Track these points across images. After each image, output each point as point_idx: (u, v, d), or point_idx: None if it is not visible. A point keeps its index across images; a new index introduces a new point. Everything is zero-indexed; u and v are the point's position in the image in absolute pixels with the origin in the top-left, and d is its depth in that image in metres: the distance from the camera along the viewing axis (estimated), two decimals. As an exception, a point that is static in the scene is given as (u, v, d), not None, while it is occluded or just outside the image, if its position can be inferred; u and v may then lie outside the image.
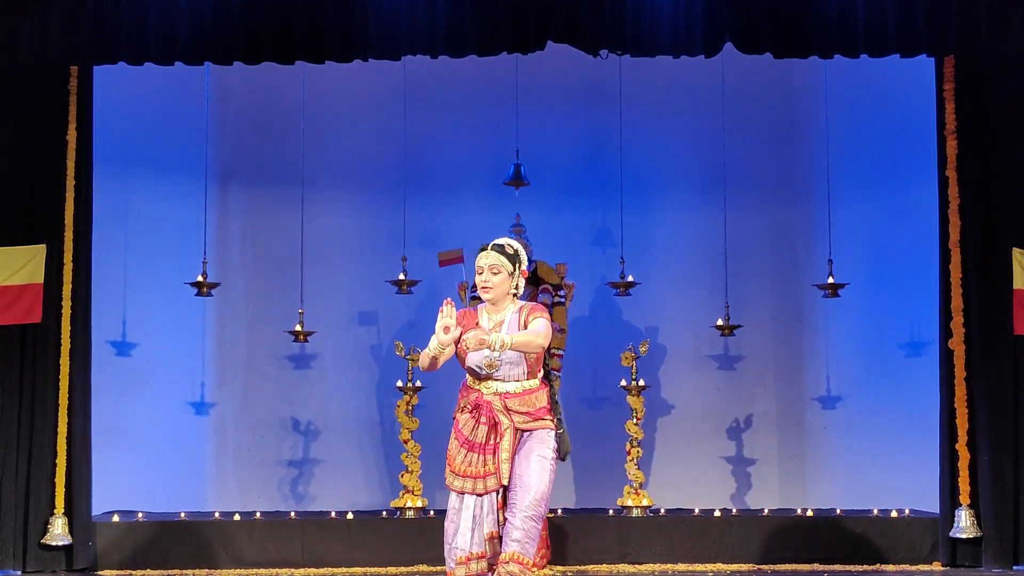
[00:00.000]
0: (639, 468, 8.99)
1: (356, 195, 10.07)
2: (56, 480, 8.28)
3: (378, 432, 10.02)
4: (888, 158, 9.65)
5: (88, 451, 8.42)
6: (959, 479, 8.27)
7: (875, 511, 8.93)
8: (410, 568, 8.50)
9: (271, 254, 9.96)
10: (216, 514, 9.06)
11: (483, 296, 5.92)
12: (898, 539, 8.59)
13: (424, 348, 5.84)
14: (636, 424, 9.01)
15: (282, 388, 10.06)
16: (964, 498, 8.25)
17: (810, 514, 8.95)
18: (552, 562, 8.42)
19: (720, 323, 9.39)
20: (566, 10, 8.25)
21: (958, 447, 8.29)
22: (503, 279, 5.87)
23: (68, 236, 8.37)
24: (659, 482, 9.76)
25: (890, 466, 9.46)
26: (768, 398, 10.07)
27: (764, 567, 8.50)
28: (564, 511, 9.23)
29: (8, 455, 8.26)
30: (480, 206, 9.90)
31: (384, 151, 9.85)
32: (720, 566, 8.51)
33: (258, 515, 9.05)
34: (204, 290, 9.10)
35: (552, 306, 8.90)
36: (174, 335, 9.78)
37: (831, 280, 9.11)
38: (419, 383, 9.00)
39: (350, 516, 8.91)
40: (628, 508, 8.89)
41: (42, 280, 8.32)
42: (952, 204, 8.41)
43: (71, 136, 8.40)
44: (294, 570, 8.50)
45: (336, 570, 8.50)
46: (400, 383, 9.03)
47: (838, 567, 8.44)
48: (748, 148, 9.91)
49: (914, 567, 8.46)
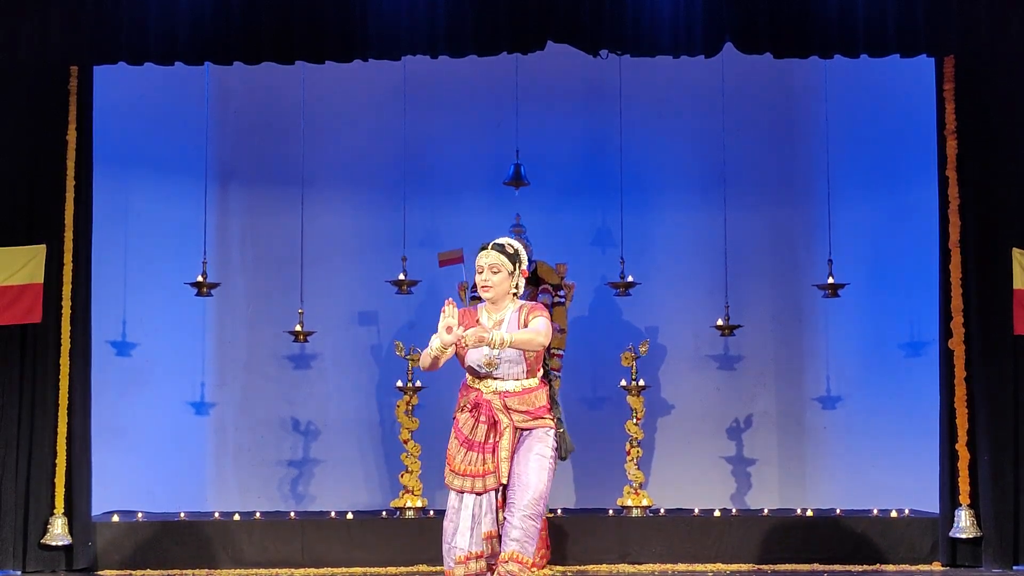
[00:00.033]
0: (639, 468, 8.99)
1: (356, 195, 10.07)
2: (56, 480, 8.27)
3: (378, 432, 10.01)
4: (888, 158, 9.65)
5: (88, 451, 8.42)
6: (959, 479, 8.27)
7: (875, 511, 8.93)
8: (410, 568, 8.50)
9: (271, 254, 9.96)
10: (216, 514, 9.06)
11: (483, 295, 5.91)
12: (898, 539, 8.59)
13: (424, 348, 5.85)
14: (636, 424, 9.01)
15: (282, 388, 10.05)
16: (964, 498, 8.25)
17: (810, 514, 8.95)
18: (552, 562, 8.42)
19: (720, 323, 9.39)
20: (566, 10, 8.25)
21: (958, 447, 8.29)
22: (503, 278, 5.86)
23: (68, 236, 8.37)
24: (659, 482, 9.75)
25: (890, 466, 9.46)
26: (768, 398, 10.07)
27: (764, 567, 8.50)
28: (564, 511, 9.23)
29: (8, 455, 8.26)
30: (480, 206, 9.90)
31: (384, 151, 9.85)
32: (720, 566, 8.51)
33: (258, 515, 9.05)
34: (204, 290, 9.10)
35: (552, 306, 8.89)
36: (174, 335, 9.78)
37: (831, 280, 9.11)
38: (419, 383, 9.00)
39: (350, 516, 8.91)
40: (628, 508, 8.89)
41: (42, 280, 8.32)
42: (952, 204, 8.41)
43: (71, 136, 8.40)
44: (294, 570, 8.50)
45: (336, 570, 8.49)
46: (400, 383, 9.03)
47: (838, 567, 8.43)
48: (748, 148, 9.91)
49: (914, 567, 8.45)
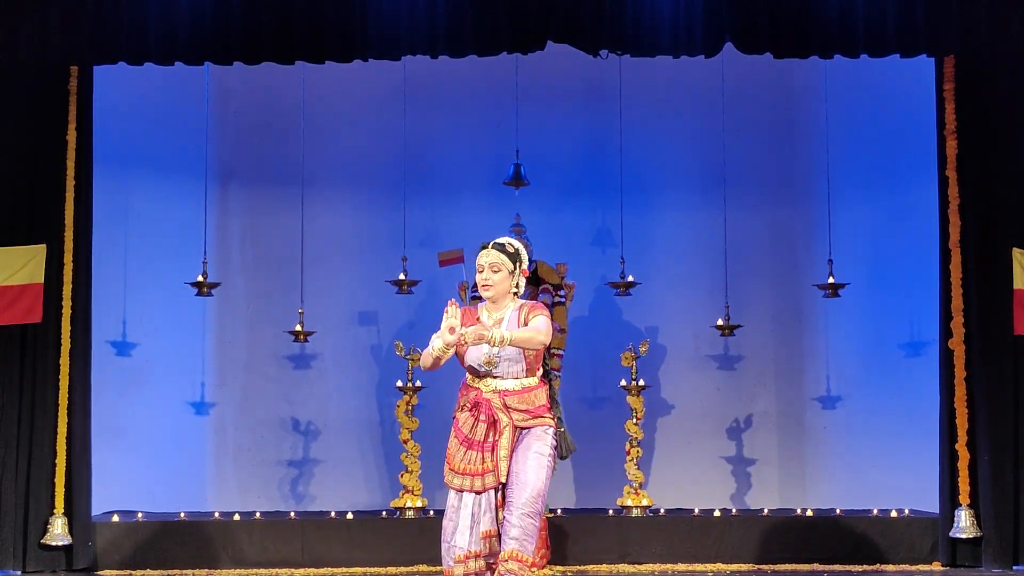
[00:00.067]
0: (639, 468, 8.98)
1: (356, 195, 10.07)
2: (56, 480, 8.27)
3: (378, 432, 10.01)
4: (888, 158, 9.65)
5: (88, 451, 8.42)
6: (959, 479, 8.27)
7: (875, 511, 8.93)
8: (410, 568, 8.50)
9: (271, 254, 9.96)
10: (216, 514, 9.06)
11: (483, 294, 5.91)
12: (898, 539, 8.59)
13: (424, 348, 5.85)
14: (636, 424, 9.01)
15: (282, 388, 10.05)
16: (964, 498, 8.25)
17: (810, 514, 8.95)
18: (552, 562, 8.42)
19: (720, 323, 9.39)
20: (566, 10, 8.25)
21: (958, 447, 8.29)
22: (503, 277, 5.86)
23: (68, 236, 8.37)
24: (659, 482, 9.75)
25: (890, 466, 9.45)
26: (768, 398, 10.06)
27: (764, 567, 8.49)
28: (564, 511, 9.22)
29: (8, 455, 8.26)
30: (480, 206, 9.89)
31: (384, 151, 9.84)
32: (720, 566, 8.51)
33: (258, 515, 9.05)
34: (204, 290, 9.10)
35: (552, 306, 8.88)
36: (174, 335, 9.78)
37: (831, 280, 9.11)
38: (419, 383, 9.00)
39: (350, 516, 8.91)
40: (628, 508, 8.89)
41: (42, 280, 8.32)
42: (952, 204, 8.41)
43: (71, 136, 8.40)
44: (294, 570, 8.50)
45: (336, 570, 8.49)
46: (400, 383, 9.03)
47: (838, 567, 8.43)
48: (748, 148, 9.91)
49: (914, 567, 8.45)
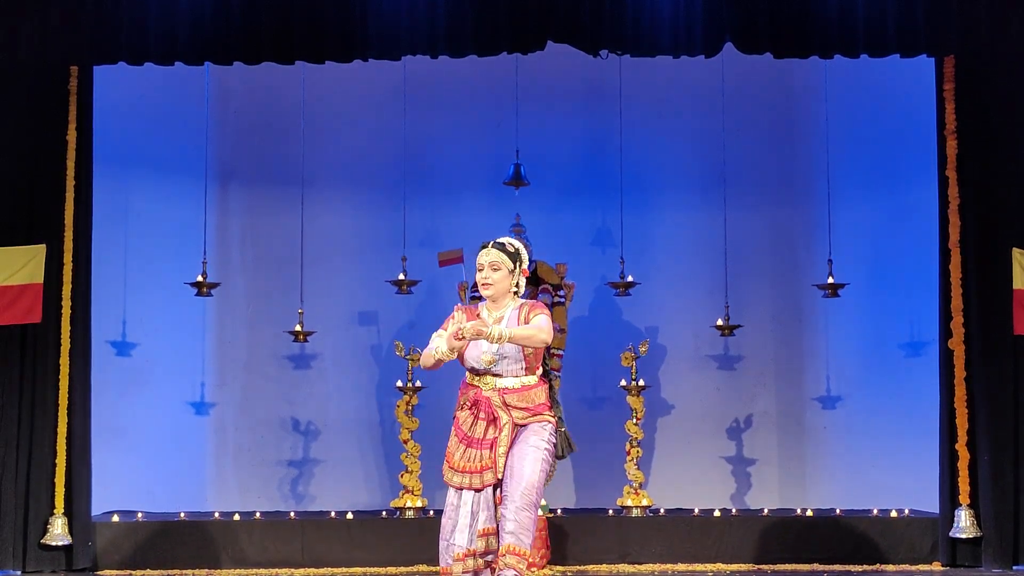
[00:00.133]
0: (639, 468, 8.98)
1: (356, 195, 10.07)
2: (56, 480, 8.27)
3: (378, 432, 10.01)
4: (888, 158, 9.65)
5: (88, 451, 8.42)
6: (959, 479, 8.27)
7: (875, 511, 8.93)
8: (410, 568, 8.50)
9: (271, 254, 9.96)
10: (216, 514, 9.06)
11: (483, 293, 5.92)
12: (898, 539, 8.59)
13: (424, 348, 5.85)
14: (636, 424, 9.01)
15: (282, 388, 10.05)
16: (964, 498, 8.25)
17: (810, 514, 8.95)
18: (552, 562, 8.42)
19: (720, 323, 9.39)
20: (566, 10, 8.25)
21: (958, 447, 8.29)
22: (503, 276, 5.87)
23: (68, 236, 8.37)
24: (659, 482, 9.75)
25: (890, 466, 9.45)
26: (768, 398, 10.06)
27: (764, 567, 8.49)
28: (564, 511, 9.22)
29: (8, 455, 8.26)
30: (480, 206, 9.89)
31: (384, 151, 9.84)
32: (720, 566, 8.51)
33: (258, 515, 9.05)
34: (204, 290, 9.10)
35: (552, 306, 8.88)
36: (174, 335, 9.78)
37: (831, 280, 9.11)
38: (419, 383, 9.00)
39: (350, 516, 8.91)
40: (628, 508, 8.89)
41: (42, 280, 8.32)
42: (952, 204, 8.41)
43: (71, 136, 8.40)
44: (294, 570, 8.50)
45: (336, 570, 8.49)
46: (400, 383, 9.03)
47: (838, 567, 8.43)
48: (748, 148, 9.91)
49: (914, 567, 8.45)
